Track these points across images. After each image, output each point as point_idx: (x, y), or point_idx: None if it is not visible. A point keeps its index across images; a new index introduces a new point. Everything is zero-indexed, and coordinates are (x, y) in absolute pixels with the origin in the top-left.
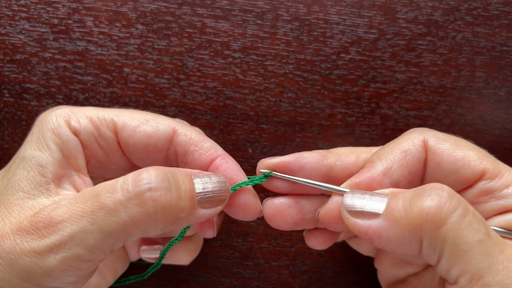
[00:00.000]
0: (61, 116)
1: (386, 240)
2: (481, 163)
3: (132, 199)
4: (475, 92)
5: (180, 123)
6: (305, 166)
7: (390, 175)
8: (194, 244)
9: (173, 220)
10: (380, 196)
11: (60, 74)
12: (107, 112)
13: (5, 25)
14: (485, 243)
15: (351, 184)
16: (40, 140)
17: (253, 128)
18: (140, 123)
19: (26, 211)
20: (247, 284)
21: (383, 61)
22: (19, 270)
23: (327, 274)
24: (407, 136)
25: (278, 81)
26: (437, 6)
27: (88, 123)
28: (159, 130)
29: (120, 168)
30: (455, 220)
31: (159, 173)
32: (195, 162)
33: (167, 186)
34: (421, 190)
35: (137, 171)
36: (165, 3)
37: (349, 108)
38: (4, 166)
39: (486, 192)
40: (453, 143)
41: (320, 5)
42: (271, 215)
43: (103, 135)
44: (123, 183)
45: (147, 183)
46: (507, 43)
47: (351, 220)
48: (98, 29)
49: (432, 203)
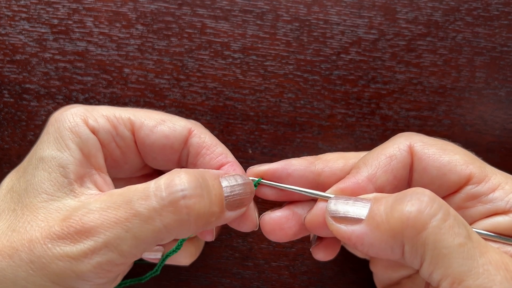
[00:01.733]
0: (77, 114)
1: (369, 245)
2: (467, 167)
3: (167, 206)
4: (475, 93)
5: (195, 125)
6: (293, 173)
7: (375, 181)
8: (194, 247)
9: (204, 225)
10: (363, 201)
11: (60, 75)
12: (124, 111)
13: (5, 26)
14: (466, 246)
15: (336, 189)
16: (59, 140)
17: (253, 129)
18: (157, 123)
19: (54, 214)
20: (247, 285)
21: (383, 61)
22: (51, 274)
23: (327, 275)
24: (393, 141)
25: (278, 81)
26: (437, 6)
27: (106, 122)
28: (176, 131)
29: (133, 167)
30: (435, 224)
31: (191, 179)
32: (204, 165)
33: (199, 193)
34: (402, 195)
35: (168, 176)
36: (165, 4)
37: (349, 108)
38: (4, 166)
39: (472, 196)
40: (439, 148)
41: (320, 6)
42: (270, 230)
43: (121, 134)
44: (156, 190)
45: (181, 190)
46: (507, 43)
47: (335, 225)
48: (98, 30)
49: (412, 208)
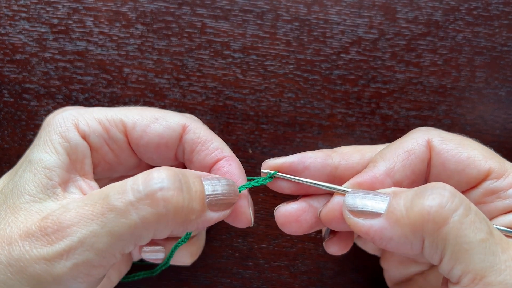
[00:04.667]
0: (69, 119)
1: (387, 239)
2: (486, 162)
3: (143, 199)
4: (475, 92)
5: (190, 120)
6: (309, 166)
7: (393, 175)
8: (195, 247)
9: (183, 222)
10: (381, 195)
11: (60, 74)
12: (116, 113)
13: (5, 25)
14: (487, 242)
15: (354, 183)
16: (48, 143)
17: (253, 128)
18: (150, 121)
19: (34, 215)
20: (247, 285)
21: (383, 61)
22: (29, 278)
23: (327, 274)
24: (411, 136)
25: (278, 81)
26: (437, 6)
27: (97, 125)
28: (170, 128)
29: (128, 166)
30: (456, 219)
31: (170, 173)
32: (200, 162)
33: (178, 187)
34: (423, 189)
35: (147, 172)
36: (165, 3)
37: (349, 108)
38: (4, 166)
39: (491, 192)
40: (458, 143)
41: (320, 5)
42: (285, 222)
43: (113, 137)
44: (133, 184)
45: (158, 183)
46: (507, 43)
47: (353, 219)
48: (98, 29)
49: (433, 202)
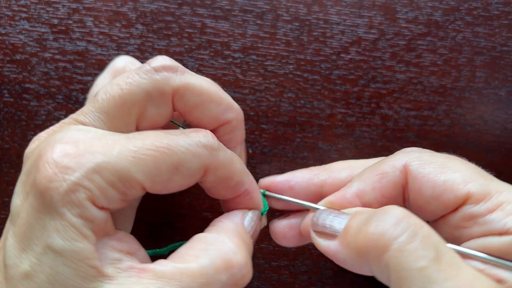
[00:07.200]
0: (82, 196)
1: (342, 261)
2: (465, 186)
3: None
4: (475, 92)
5: (211, 155)
6: (295, 186)
7: (363, 196)
8: None
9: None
10: (343, 216)
11: (60, 74)
12: (128, 168)
13: (5, 25)
14: (428, 270)
15: (325, 202)
16: (72, 230)
17: (253, 128)
18: (170, 174)
19: None
20: (247, 285)
21: (383, 61)
22: None
23: (327, 274)
24: (392, 158)
25: (278, 81)
26: (437, 6)
27: (114, 194)
28: (191, 177)
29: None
30: (396, 247)
31: (245, 254)
32: (222, 196)
33: (249, 265)
34: (372, 213)
35: (219, 253)
36: (165, 3)
37: (349, 108)
38: (3, 166)
39: (469, 217)
40: (438, 166)
41: (320, 5)
42: (276, 238)
43: (131, 198)
44: (216, 274)
45: (239, 271)
46: (507, 43)
47: (316, 239)
48: (98, 29)
49: (376, 229)
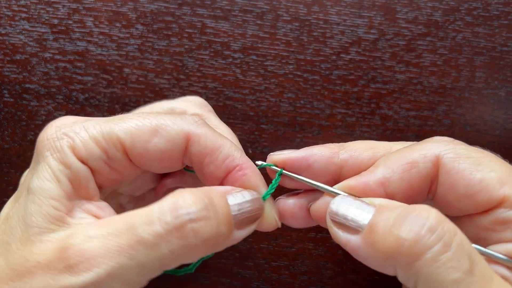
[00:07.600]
0: (64, 140)
1: (362, 258)
2: (501, 188)
3: (173, 232)
4: (475, 93)
5: (194, 125)
6: (313, 164)
7: (387, 185)
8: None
9: (213, 247)
10: (367, 207)
11: (60, 74)
12: (112, 127)
13: (5, 25)
14: (462, 282)
15: (344, 186)
16: (47, 170)
17: (253, 129)
18: (149, 135)
19: (49, 247)
20: (247, 285)
21: (383, 61)
22: None
23: (327, 274)
24: (424, 145)
25: (278, 81)
26: (437, 6)
27: (94, 147)
28: (172, 141)
29: (135, 176)
30: (429, 257)
31: (196, 200)
32: (211, 175)
33: (206, 215)
34: (405, 213)
35: (172, 199)
36: (165, 4)
37: (349, 108)
38: (4, 166)
39: (502, 221)
40: (473, 162)
41: (320, 6)
42: (286, 216)
43: (113, 158)
44: (160, 214)
45: (186, 213)
46: (507, 43)
47: (333, 229)
48: (98, 29)
49: (409, 236)
